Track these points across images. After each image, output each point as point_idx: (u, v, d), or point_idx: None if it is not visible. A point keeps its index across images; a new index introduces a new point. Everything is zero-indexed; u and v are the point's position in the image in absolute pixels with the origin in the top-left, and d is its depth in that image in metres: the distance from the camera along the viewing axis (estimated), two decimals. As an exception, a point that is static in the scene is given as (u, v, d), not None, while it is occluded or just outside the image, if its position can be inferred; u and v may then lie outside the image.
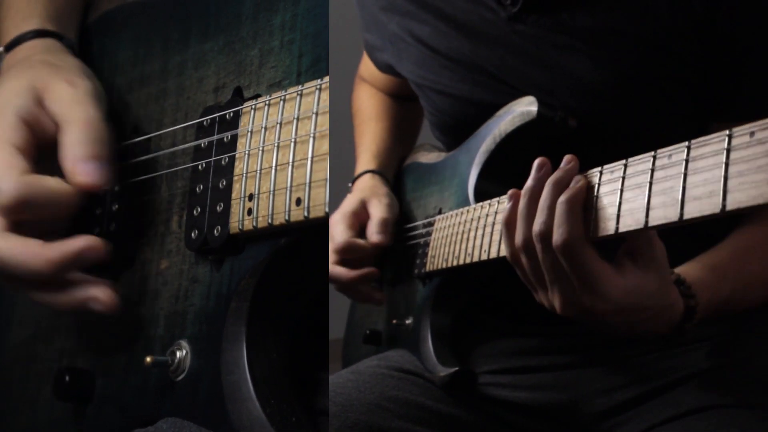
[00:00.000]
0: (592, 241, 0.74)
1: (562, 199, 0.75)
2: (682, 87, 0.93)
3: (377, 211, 1.14)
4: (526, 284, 0.82)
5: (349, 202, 1.16)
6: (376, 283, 1.22)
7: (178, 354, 0.76)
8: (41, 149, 0.77)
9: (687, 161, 0.65)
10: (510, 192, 0.81)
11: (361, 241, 1.12)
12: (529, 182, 0.79)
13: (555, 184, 0.76)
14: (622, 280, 0.75)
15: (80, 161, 0.74)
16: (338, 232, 1.12)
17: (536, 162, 0.79)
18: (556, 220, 0.75)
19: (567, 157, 0.77)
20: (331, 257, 1.13)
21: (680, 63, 0.92)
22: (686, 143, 0.66)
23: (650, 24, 0.91)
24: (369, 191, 1.18)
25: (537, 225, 0.76)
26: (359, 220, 1.15)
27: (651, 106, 0.95)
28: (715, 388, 0.92)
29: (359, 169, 1.25)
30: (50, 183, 0.75)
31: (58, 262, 0.73)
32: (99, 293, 0.76)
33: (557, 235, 0.74)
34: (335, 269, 1.13)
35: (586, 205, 0.75)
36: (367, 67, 1.34)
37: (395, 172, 1.27)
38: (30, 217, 0.75)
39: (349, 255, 1.12)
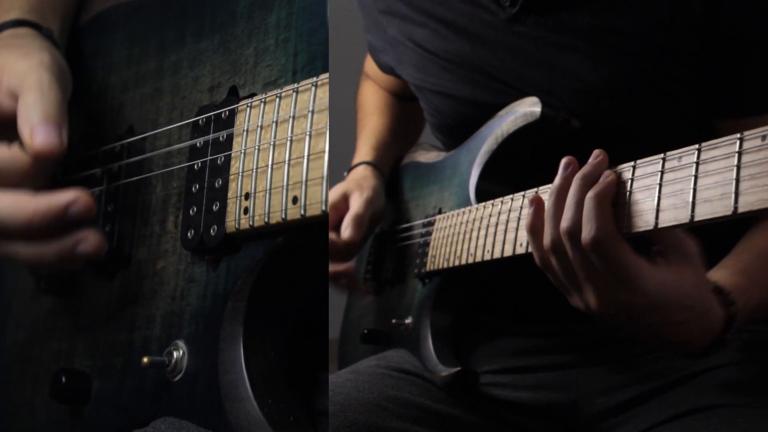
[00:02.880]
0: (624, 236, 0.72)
1: (590, 194, 0.72)
2: (682, 86, 0.93)
3: (354, 206, 1.14)
4: (560, 289, 0.80)
5: (332, 195, 1.16)
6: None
7: (175, 354, 0.75)
8: (3, 126, 0.76)
9: (697, 164, 0.65)
10: (530, 197, 0.79)
11: (332, 236, 1.12)
12: (557, 181, 0.76)
13: (583, 179, 0.74)
14: (657, 273, 0.73)
15: (35, 125, 0.73)
16: None
17: (563, 161, 0.76)
18: (585, 216, 0.72)
19: (596, 152, 0.75)
20: None
21: (680, 62, 0.92)
22: (696, 146, 0.66)
23: (650, 23, 0.91)
24: (354, 183, 1.18)
25: (565, 222, 0.74)
26: (338, 213, 1.15)
27: (652, 105, 0.94)
28: (715, 388, 0.91)
29: (356, 160, 1.25)
30: (1, 151, 0.74)
31: (45, 212, 0.72)
32: (87, 234, 0.74)
33: (586, 232, 0.72)
34: None
35: (618, 200, 0.72)
36: (371, 65, 1.35)
37: (392, 168, 1.27)
38: None
39: None
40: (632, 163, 0.72)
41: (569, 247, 0.74)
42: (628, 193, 0.72)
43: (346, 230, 1.11)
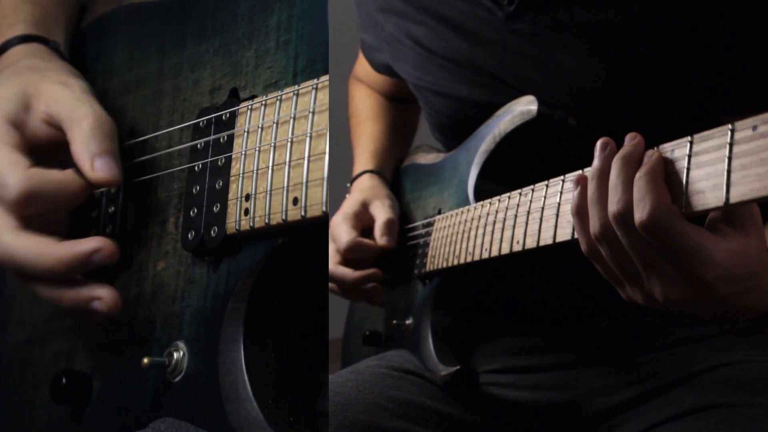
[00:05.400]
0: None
1: (640, 174, 0.67)
2: (679, 82, 0.93)
3: (381, 212, 1.14)
4: (610, 279, 0.74)
5: (350, 204, 1.16)
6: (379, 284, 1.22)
7: (176, 355, 0.75)
8: (32, 152, 0.77)
9: (690, 156, 0.65)
10: (575, 177, 0.73)
11: (367, 241, 1.12)
12: (596, 163, 0.71)
13: (624, 159, 0.69)
14: (724, 242, 0.67)
15: (97, 157, 0.75)
16: (343, 232, 1.12)
17: (600, 142, 0.72)
18: (636, 196, 0.67)
19: (631, 134, 0.71)
20: (335, 258, 1.13)
21: (678, 58, 0.92)
22: (689, 138, 0.66)
23: (647, 19, 0.91)
24: (370, 192, 1.18)
25: (613, 205, 0.68)
26: (361, 221, 1.15)
27: (649, 102, 0.94)
28: (715, 388, 0.91)
29: (357, 169, 1.25)
30: (57, 175, 0.75)
31: (68, 261, 0.73)
32: (103, 293, 0.75)
33: (639, 212, 0.66)
34: (339, 270, 1.12)
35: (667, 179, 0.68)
36: (362, 67, 1.34)
37: (393, 172, 1.27)
38: (38, 211, 0.75)
39: (355, 255, 1.12)
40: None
41: (621, 233, 0.69)
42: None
43: (383, 237, 1.12)
